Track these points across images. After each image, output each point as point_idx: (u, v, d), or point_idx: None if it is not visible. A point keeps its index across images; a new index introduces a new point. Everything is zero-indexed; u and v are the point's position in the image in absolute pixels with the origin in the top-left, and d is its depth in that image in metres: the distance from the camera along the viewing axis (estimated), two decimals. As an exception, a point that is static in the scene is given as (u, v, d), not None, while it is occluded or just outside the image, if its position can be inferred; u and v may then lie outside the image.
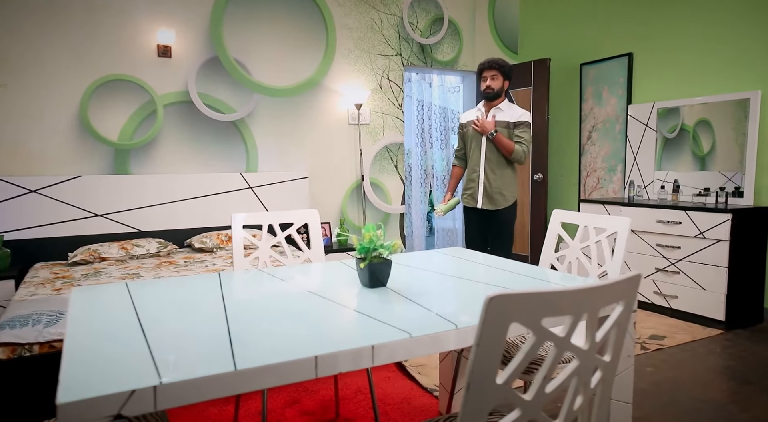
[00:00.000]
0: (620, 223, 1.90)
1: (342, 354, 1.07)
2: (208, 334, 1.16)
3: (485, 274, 1.80)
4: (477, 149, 3.36)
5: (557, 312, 0.89)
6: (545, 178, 4.72)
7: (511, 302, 0.84)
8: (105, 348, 1.08)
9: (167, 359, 1.01)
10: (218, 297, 1.48)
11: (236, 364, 0.98)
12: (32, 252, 3.56)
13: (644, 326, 3.53)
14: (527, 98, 4.81)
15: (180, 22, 3.97)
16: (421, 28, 4.97)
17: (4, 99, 3.52)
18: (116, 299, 1.45)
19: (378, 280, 1.58)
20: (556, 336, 0.91)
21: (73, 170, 3.71)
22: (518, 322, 0.86)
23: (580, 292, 0.89)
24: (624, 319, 1.02)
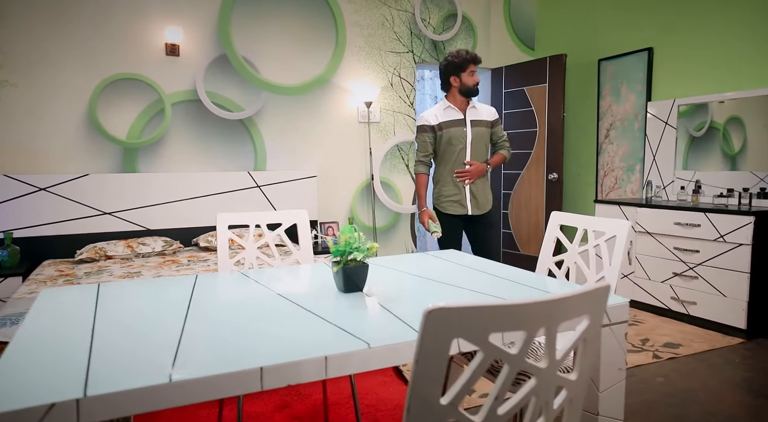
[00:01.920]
0: (619, 226, 1.79)
1: (290, 366, 1.01)
2: (157, 342, 1.11)
3: (474, 279, 1.72)
4: (460, 153, 3.10)
5: (507, 327, 0.81)
6: (560, 177, 4.58)
7: (452, 315, 0.77)
8: (44, 355, 1.04)
9: (102, 369, 0.96)
10: (185, 301, 1.43)
11: (172, 376, 0.92)
12: (41, 249, 3.61)
13: (659, 333, 3.37)
14: (542, 95, 4.67)
15: (188, 20, 3.97)
16: (434, 25, 4.87)
17: (15, 98, 3.57)
18: (81, 302, 1.42)
19: (353, 284, 1.51)
20: (507, 354, 0.83)
21: (82, 169, 3.75)
22: (462, 338, 0.79)
23: (534, 305, 0.81)
24: (591, 334, 0.93)
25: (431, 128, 3.12)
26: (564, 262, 1.96)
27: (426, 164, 3.17)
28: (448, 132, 3.08)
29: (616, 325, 1.40)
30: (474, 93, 3.10)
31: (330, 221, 4.50)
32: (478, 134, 3.11)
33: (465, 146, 3.10)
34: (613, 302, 1.39)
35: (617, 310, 1.39)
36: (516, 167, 4.97)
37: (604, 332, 1.39)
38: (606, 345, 1.40)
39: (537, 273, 2.01)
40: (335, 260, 1.51)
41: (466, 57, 3.04)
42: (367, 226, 4.70)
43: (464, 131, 3.09)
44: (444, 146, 3.11)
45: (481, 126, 3.12)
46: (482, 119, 3.13)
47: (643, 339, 3.27)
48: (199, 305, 1.39)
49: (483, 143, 3.15)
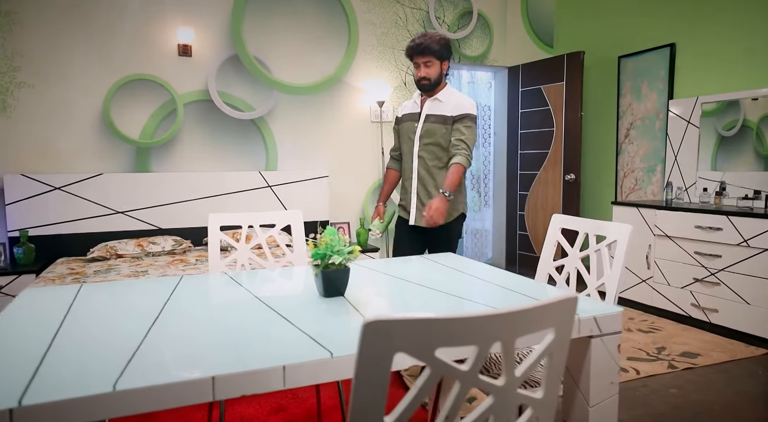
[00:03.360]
0: (620, 230, 1.70)
1: (246, 375, 0.97)
2: (115, 348, 1.08)
3: (463, 286, 1.65)
4: (409, 151, 2.62)
5: (456, 341, 0.75)
6: (578, 178, 4.44)
7: (393, 328, 0.71)
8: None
9: (49, 376, 0.94)
10: (160, 305, 1.41)
11: (117, 385, 0.89)
12: (56, 247, 3.67)
13: (677, 341, 3.23)
14: (560, 94, 4.54)
15: (200, 21, 3.99)
16: (449, 23, 4.79)
17: (32, 99, 3.65)
18: (56, 304, 1.41)
19: (334, 289, 1.46)
20: (458, 370, 0.77)
21: (96, 168, 3.81)
22: (405, 352, 0.73)
23: (486, 318, 0.75)
24: (557, 349, 0.86)
25: (396, 120, 2.78)
26: (564, 267, 1.88)
27: (394, 159, 2.83)
28: (402, 127, 2.69)
29: (607, 336, 1.32)
30: (420, 88, 2.59)
31: (342, 221, 4.47)
32: (429, 131, 2.53)
33: (413, 145, 2.60)
34: (604, 312, 1.31)
35: (609, 320, 1.31)
36: (532, 168, 4.85)
37: (594, 343, 1.31)
38: (597, 357, 1.32)
39: (536, 279, 1.94)
40: (315, 263, 1.47)
41: (407, 51, 2.57)
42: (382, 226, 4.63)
43: (415, 126, 2.59)
44: (400, 143, 2.73)
45: (436, 122, 2.53)
46: (440, 114, 2.53)
47: (659, 347, 3.14)
48: (173, 309, 1.37)
49: (436, 144, 2.54)
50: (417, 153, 2.58)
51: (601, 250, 1.75)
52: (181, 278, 1.71)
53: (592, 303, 1.40)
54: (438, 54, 2.49)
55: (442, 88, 2.59)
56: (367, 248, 4.28)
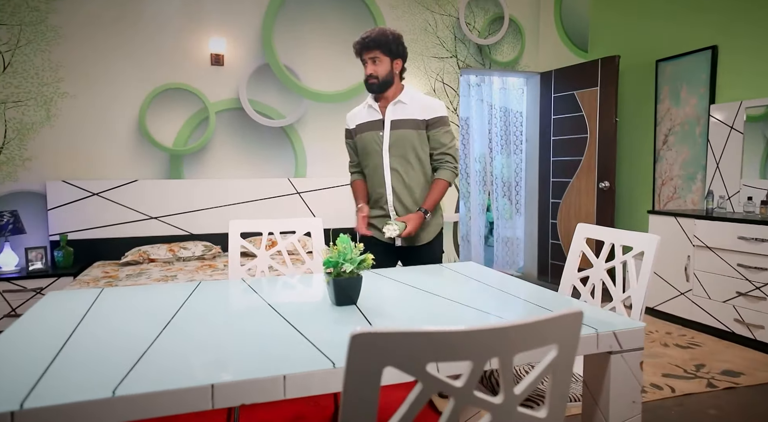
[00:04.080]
0: (647, 241, 1.62)
1: (246, 384, 0.96)
2: (123, 352, 1.10)
3: (479, 296, 1.61)
4: (377, 165, 2.27)
5: (449, 356, 0.72)
6: (612, 186, 4.30)
7: (382, 341, 0.69)
8: (4, 363, 1.05)
9: (54, 380, 0.95)
10: (173, 310, 1.42)
11: (116, 391, 0.90)
12: (93, 251, 3.80)
13: (718, 359, 3.06)
14: (594, 100, 4.42)
15: (232, 31, 4.08)
16: (479, 28, 4.74)
17: (73, 108, 3.80)
18: (76, 308, 1.45)
19: (346, 297, 1.45)
20: (452, 386, 0.73)
21: (131, 175, 3.93)
22: (395, 366, 0.70)
23: (480, 333, 0.72)
24: (562, 365, 0.82)
25: (349, 133, 2.41)
26: (589, 278, 1.81)
27: (358, 173, 2.46)
28: (362, 139, 2.30)
29: (629, 352, 1.26)
30: (370, 89, 2.25)
31: (369, 228, 4.46)
32: (401, 139, 2.21)
33: (381, 157, 2.23)
34: (625, 327, 1.25)
35: (630, 336, 1.25)
36: (565, 175, 4.73)
37: (614, 360, 1.25)
38: (617, 374, 1.25)
39: (560, 291, 1.87)
40: (328, 271, 1.46)
41: (354, 46, 2.23)
42: (408, 234, 4.61)
43: (380, 135, 2.24)
44: (362, 157, 2.35)
45: (407, 128, 2.21)
46: (409, 118, 2.21)
47: (698, 364, 2.99)
48: (184, 315, 1.38)
49: (412, 153, 2.22)
50: (389, 166, 2.24)
51: (627, 261, 1.68)
52: (199, 283, 1.72)
53: (613, 317, 1.34)
54: (386, 49, 2.18)
55: (400, 90, 2.28)
56: (395, 256, 4.25)
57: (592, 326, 1.25)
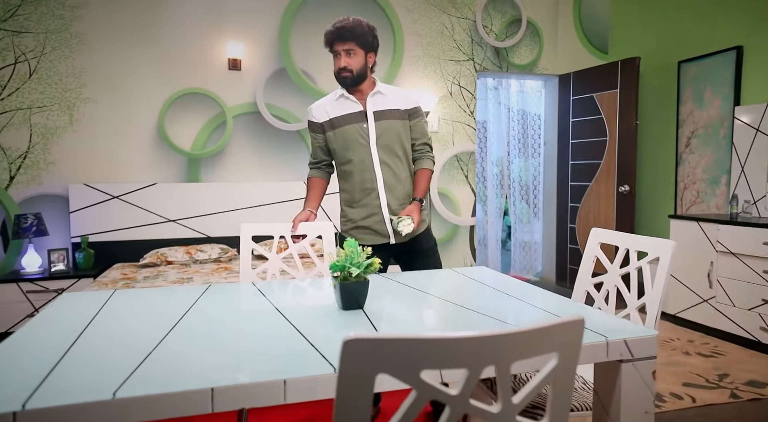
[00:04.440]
0: (663, 246, 1.58)
1: (246, 388, 0.96)
2: (128, 354, 1.10)
3: (491, 302, 1.59)
4: (364, 160, 2.14)
5: (444, 364, 0.71)
6: (633, 190, 4.22)
7: (375, 348, 0.68)
8: (12, 363, 1.06)
9: (58, 381, 0.96)
10: (181, 312, 1.43)
11: (117, 393, 0.90)
12: (114, 253, 3.87)
13: (743, 368, 2.97)
14: (613, 102, 4.35)
15: (250, 35, 4.12)
16: (496, 31, 4.71)
17: (95, 113, 3.88)
18: (87, 308, 1.47)
19: (353, 301, 1.44)
20: (446, 394, 0.72)
21: (150, 178, 3.99)
22: (388, 373, 0.69)
23: (476, 340, 0.70)
24: (563, 374, 0.79)
25: (319, 126, 2.21)
26: (603, 284, 1.77)
27: (318, 169, 2.31)
28: (343, 132, 2.14)
29: (641, 361, 1.22)
30: (343, 83, 2.13)
31: (384, 232, 4.44)
32: (388, 129, 2.13)
33: (369, 150, 2.13)
34: (636, 335, 1.22)
35: (642, 344, 1.21)
36: (584, 179, 4.65)
37: (625, 368, 1.21)
38: (628, 384, 1.22)
39: (573, 297, 1.84)
40: (335, 275, 1.45)
41: (326, 36, 2.12)
42: (424, 238, 4.59)
43: (364, 128, 2.13)
44: (341, 152, 2.17)
45: (392, 118, 2.14)
46: (394, 109, 2.15)
47: (721, 373, 2.90)
48: (191, 318, 1.39)
49: (398, 144, 2.16)
50: (378, 159, 2.13)
51: (642, 267, 1.63)
52: (209, 286, 1.74)
53: (624, 324, 1.30)
54: (362, 41, 2.08)
55: (373, 83, 2.18)
56: (410, 260, 4.23)
57: (601, 333, 1.22)
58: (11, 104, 3.75)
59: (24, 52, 3.75)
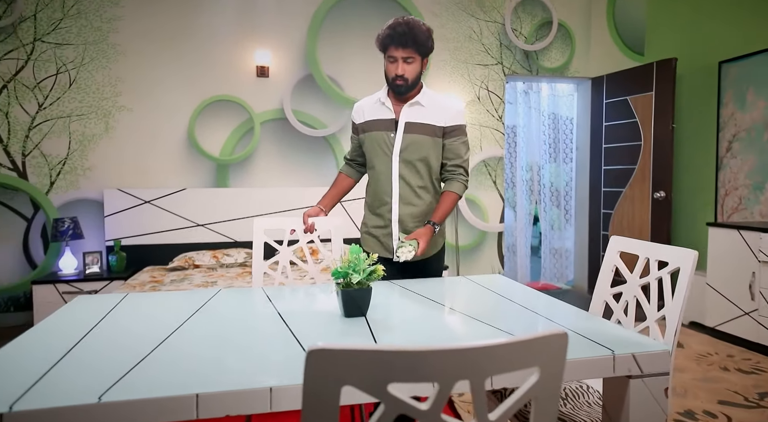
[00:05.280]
0: (684, 256, 1.49)
1: (231, 395, 0.95)
2: (123, 358, 1.12)
3: (499, 312, 1.54)
4: (384, 170, 2.03)
5: (412, 377, 0.68)
6: (669, 196, 4.05)
7: (340, 359, 0.66)
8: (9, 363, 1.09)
9: (50, 384, 0.98)
10: (184, 317, 1.45)
11: (103, 397, 0.91)
12: (145, 256, 3.98)
13: (785, 385, 2.79)
14: (648, 105, 4.19)
15: (277, 43, 4.19)
16: (526, 34, 4.62)
17: (129, 121, 4.01)
18: (96, 312, 1.50)
19: (355, 309, 1.42)
20: (416, 409, 0.69)
21: (180, 183, 4.09)
22: (353, 386, 0.67)
23: (446, 353, 0.67)
24: (546, 390, 0.75)
25: (354, 127, 2.15)
26: (622, 295, 1.69)
27: (350, 166, 2.24)
28: (369, 136, 2.05)
29: (651, 377, 1.16)
30: (394, 90, 1.99)
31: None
32: (413, 145, 1.99)
33: (390, 161, 2.01)
34: (646, 349, 1.15)
35: (653, 359, 1.15)
36: (618, 184, 4.50)
37: (634, 385, 1.15)
38: (637, 401, 1.15)
39: (591, 308, 1.77)
40: (338, 281, 1.44)
41: (383, 39, 1.94)
42: (450, 244, 4.54)
43: (391, 137, 2.01)
44: (369, 157, 2.09)
45: (423, 133, 1.99)
46: (426, 123, 1.99)
47: (762, 392, 2.73)
48: (194, 323, 1.40)
49: (422, 161, 2.00)
50: (398, 173, 2.01)
51: (663, 278, 1.55)
52: (219, 291, 1.75)
53: (635, 338, 1.24)
54: (423, 49, 1.93)
55: (419, 90, 2.03)
56: (436, 266, 4.18)
57: (608, 347, 1.16)
58: (53, 113, 3.92)
59: (65, 63, 3.92)
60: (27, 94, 3.88)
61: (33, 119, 3.89)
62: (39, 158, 3.91)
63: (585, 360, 1.11)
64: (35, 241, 3.94)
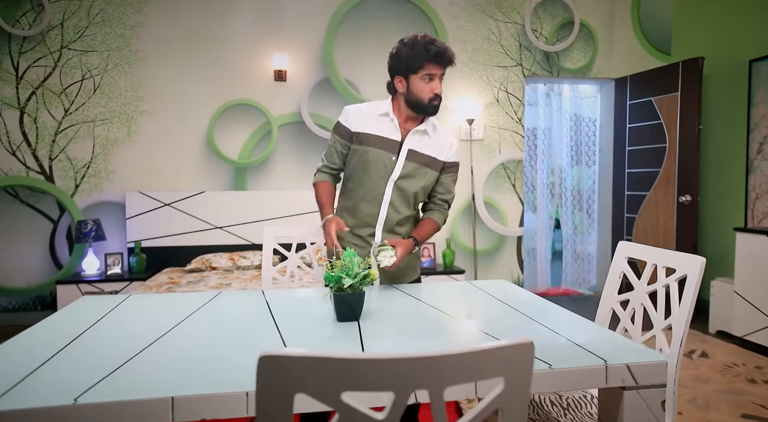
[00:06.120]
0: (690, 263, 1.43)
1: (206, 399, 0.95)
2: (108, 359, 1.13)
3: (498, 319, 1.50)
4: (374, 190, 1.91)
5: (367, 386, 0.66)
6: (695, 200, 3.91)
7: (291, 366, 0.65)
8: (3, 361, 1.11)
9: (33, 383, 0.99)
10: (179, 319, 1.45)
11: (81, 398, 0.92)
12: (164, 258, 4.05)
13: (816, 399, 2.65)
14: (674, 106, 4.06)
15: (295, 47, 4.22)
16: (546, 35, 4.54)
17: (150, 125, 4.10)
18: (96, 312, 1.52)
19: (347, 313, 1.41)
20: (372, 419, 0.67)
21: (199, 186, 4.16)
22: (306, 393, 0.66)
23: (401, 362, 0.65)
24: (512, 402, 0.72)
25: (349, 134, 1.94)
26: (629, 302, 1.63)
27: (330, 175, 2.05)
28: (367, 152, 1.89)
29: (647, 389, 1.10)
30: (427, 110, 1.88)
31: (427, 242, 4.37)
32: (413, 173, 1.91)
33: (384, 185, 1.90)
34: (642, 360, 1.10)
35: (649, 370, 1.10)
36: (641, 188, 4.37)
37: (628, 397, 1.10)
38: (632, 414, 1.11)
39: (598, 315, 1.71)
40: (331, 286, 1.42)
41: (423, 49, 1.81)
42: (467, 248, 4.48)
43: (392, 159, 1.90)
44: (354, 166, 1.94)
45: (424, 164, 1.92)
46: (429, 155, 1.93)
47: (789, 404, 2.60)
48: (185, 326, 1.40)
49: (416, 192, 1.93)
50: (389, 198, 1.90)
51: (670, 285, 1.49)
52: (219, 293, 1.76)
53: (631, 347, 1.18)
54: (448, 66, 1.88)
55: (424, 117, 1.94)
56: (453, 270, 4.14)
57: (601, 356, 1.11)
58: (78, 118, 4.03)
59: (90, 69, 4.03)
60: (54, 100, 4.00)
61: (59, 123, 4.01)
62: (65, 162, 4.03)
63: (575, 370, 1.07)
64: (61, 242, 4.06)
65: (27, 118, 3.98)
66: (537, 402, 1.52)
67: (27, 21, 3.94)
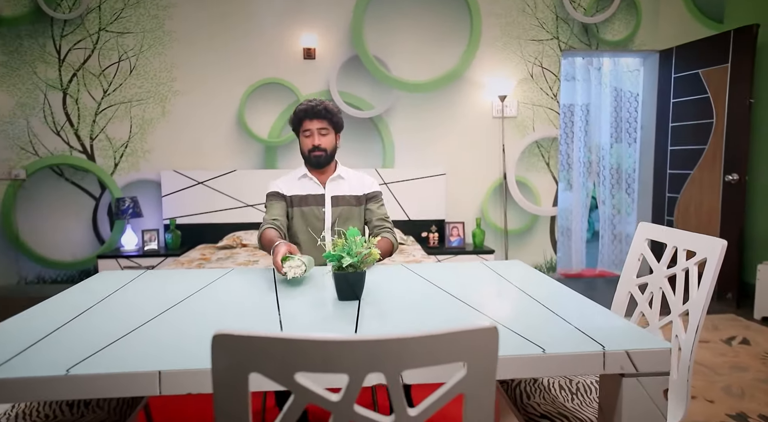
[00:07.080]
0: (711, 246, 1.34)
1: (193, 374, 0.97)
2: (108, 333, 1.17)
3: (504, 302, 1.47)
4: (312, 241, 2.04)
5: (320, 367, 0.65)
6: (743, 179, 3.68)
7: (244, 346, 0.64)
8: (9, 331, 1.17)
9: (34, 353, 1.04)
10: (186, 295, 1.49)
11: (72, 370, 0.96)
12: (198, 234, 4.17)
13: None
14: (723, 78, 3.80)
15: (323, 25, 4.19)
16: (585, 6, 4.32)
17: (184, 105, 4.19)
18: (110, 286, 1.58)
19: (348, 292, 1.40)
20: (327, 400, 0.66)
21: (230, 165, 4.23)
22: (260, 373, 0.65)
23: (355, 344, 0.64)
24: (476, 387, 0.70)
25: (282, 196, 2.12)
26: (648, 286, 1.55)
27: (276, 229, 1.99)
28: (301, 212, 2.11)
29: (647, 377, 1.05)
30: (311, 161, 2.09)
31: (456, 221, 4.32)
32: (343, 216, 2.12)
33: (320, 234, 2.06)
34: (643, 346, 1.05)
35: (650, 357, 1.04)
36: (685, 167, 4.15)
37: (627, 384, 1.05)
38: (631, 402, 1.06)
39: (615, 299, 1.65)
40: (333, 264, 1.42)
41: (298, 111, 2.06)
42: (498, 228, 4.40)
43: (322, 211, 2.11)
44: (296, 225, 2.13)
45: (349, 204, 2.14)
46: (350, 194, 2.15)
47: (834, 396, 2.45)
48: (189, 301, 1.43)
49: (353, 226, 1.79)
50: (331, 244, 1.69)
51: (689, 268, 1.41)
52: (230, 270, 1.79)
53: (634, 333, 1.13)
54: (334, 122, 2.08)
55: (335, 165, 2.19)
56: (482, 250, 4.08)
57: (599, 341, 1.07)
58: (115, 99, 4.16)
59: (126, 50, 4.14)
60: (93, 82, 4.14)
61: (99, 104, 4.15)
62: (104, 142, 4.18)
63: (570, 355, 1.03)
64: (103, 219, 4.24)
65: (69, 99, 4.13)
66: (545, 386, 1.49)
67: (67, 5, 4.07)
